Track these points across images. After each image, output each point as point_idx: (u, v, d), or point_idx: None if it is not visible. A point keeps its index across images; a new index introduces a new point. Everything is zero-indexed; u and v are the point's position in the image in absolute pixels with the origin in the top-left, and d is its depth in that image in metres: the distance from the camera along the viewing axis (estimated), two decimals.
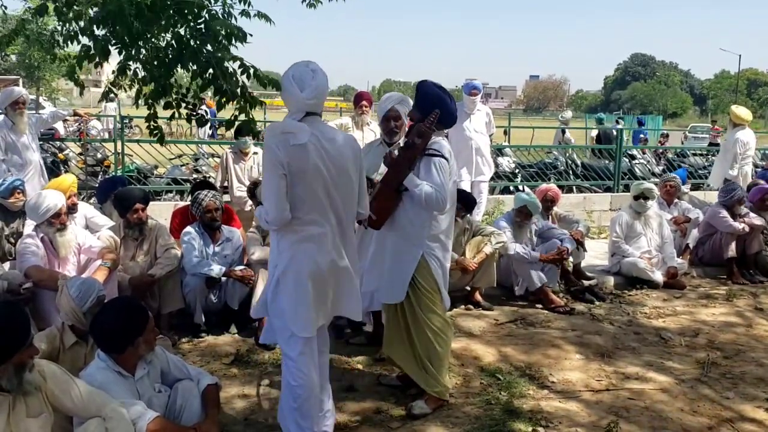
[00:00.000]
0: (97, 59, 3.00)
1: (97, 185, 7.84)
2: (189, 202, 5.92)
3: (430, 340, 4.00)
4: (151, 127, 4.38)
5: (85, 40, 2.93)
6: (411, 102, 4.44)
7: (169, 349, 3.61)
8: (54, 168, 8.92)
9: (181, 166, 9.78)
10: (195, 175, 9.35)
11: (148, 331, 3.18)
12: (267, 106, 4.86)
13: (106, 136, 16.09)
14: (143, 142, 8.84)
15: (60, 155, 9.52)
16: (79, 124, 11.76)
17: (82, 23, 2.91)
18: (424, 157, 3.86)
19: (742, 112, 9.27)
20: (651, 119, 39.60)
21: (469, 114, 7.95)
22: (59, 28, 3.05)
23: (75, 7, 2.89)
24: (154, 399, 3.19)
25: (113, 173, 8.80)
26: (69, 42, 2.91)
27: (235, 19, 3.00)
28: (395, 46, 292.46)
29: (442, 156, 3.86)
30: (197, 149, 10.76)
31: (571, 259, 6.63)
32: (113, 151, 8.80)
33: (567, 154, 12.06)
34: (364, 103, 7.85)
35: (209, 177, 8.93)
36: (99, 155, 9.75)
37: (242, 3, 3.48)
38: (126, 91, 4.43)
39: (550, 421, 3.98)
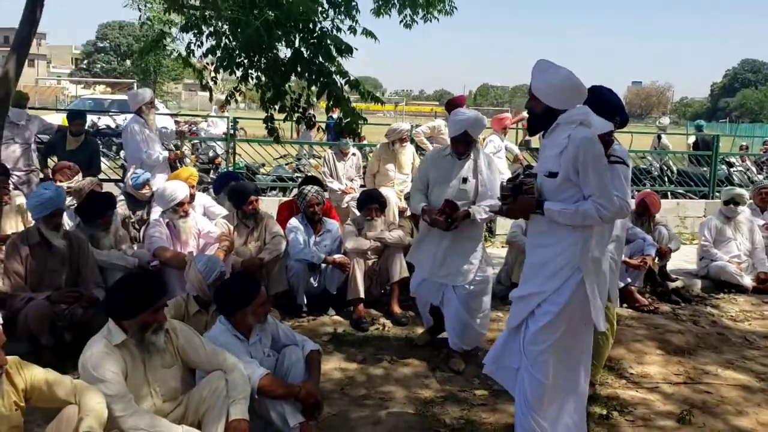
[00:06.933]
0: (230, 69, 3.53)
1: (208, 181, 8.57)
2: (293, 197, 6.43)
3: None
4: (269, 127, 4.90)
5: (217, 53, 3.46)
6: (485, 122, 4.62)
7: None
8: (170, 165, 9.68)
9: (285, 165, 10.42)
10: (297, 174, 9.96)
11: (256, 304, 3.57)
12: (363, 111, 5.24)
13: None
14: (252, 142, 9.55)
15: (177, 152, 10.31)
16: (190, 126, 12.75)
17: (213, 39, 3.43)
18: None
19: None
20: (760, 128, 37.85)
21: None
22: (194, 40, 3.59)
23: (210, 22, 3.43)
24: (264, 361, 3.62)
25: (223, 170, 9.51)
26: (211, 55, 3.44)
27: (344, 33, 3.42)
28: (492, 52, 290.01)
29: (624, 162, 3.99)
30: (299, 149, 11.40)
31: (656, 260, 6.71)
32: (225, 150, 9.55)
33: (662, 160, 11.95)
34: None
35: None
36: (211, 153, 10.52)
37: (350, 20, 3.89)
38: (237, 101, 4.96)
39: (625, 407, 4.19)
